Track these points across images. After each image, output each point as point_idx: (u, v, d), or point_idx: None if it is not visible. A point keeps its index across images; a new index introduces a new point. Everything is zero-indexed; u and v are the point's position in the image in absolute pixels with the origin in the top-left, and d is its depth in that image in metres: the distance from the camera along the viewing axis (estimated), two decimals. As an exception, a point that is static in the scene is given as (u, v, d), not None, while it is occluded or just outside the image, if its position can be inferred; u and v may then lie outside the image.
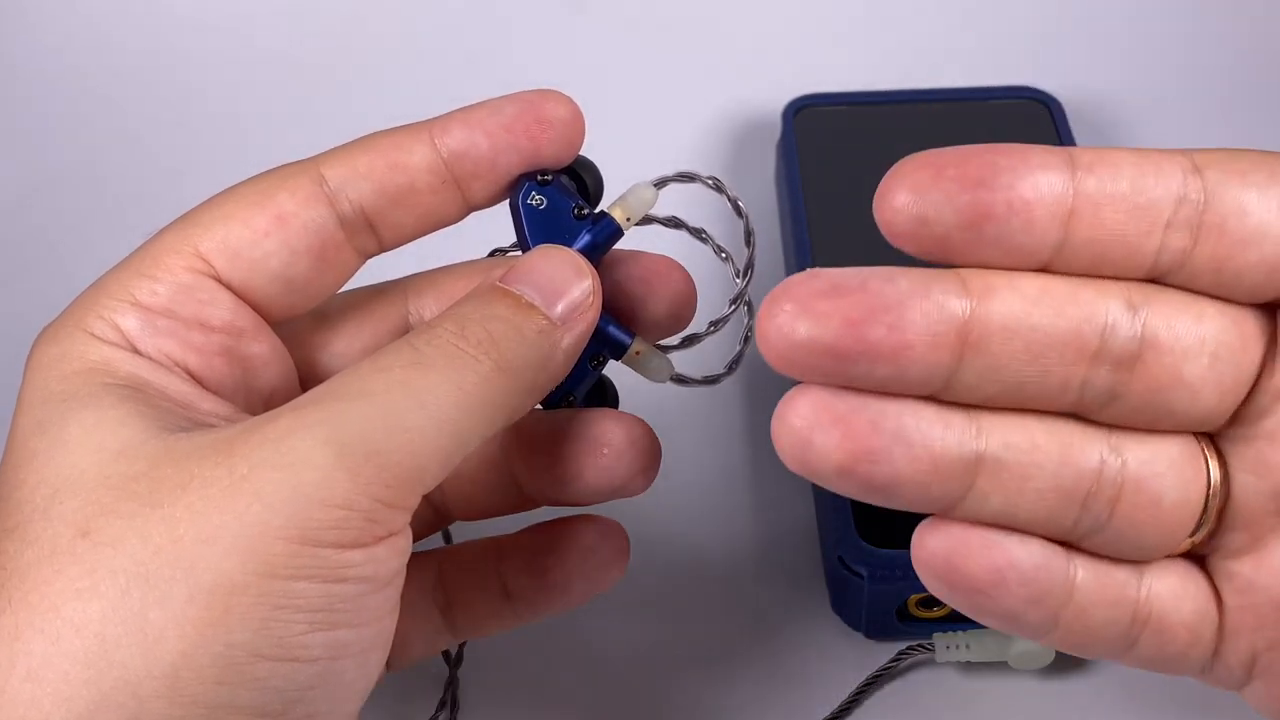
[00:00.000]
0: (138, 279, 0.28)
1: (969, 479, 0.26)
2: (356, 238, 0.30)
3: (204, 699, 0.24)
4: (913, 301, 0.25)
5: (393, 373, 0.26)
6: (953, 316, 0.25)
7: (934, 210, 0.25)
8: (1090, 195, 0.26)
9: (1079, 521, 0.27)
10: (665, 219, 0.32)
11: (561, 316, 0.28)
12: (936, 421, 0.26)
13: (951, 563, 0.27)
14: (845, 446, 0.25)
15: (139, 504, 0.24)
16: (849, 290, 0.25)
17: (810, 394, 0.25)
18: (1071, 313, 0.26)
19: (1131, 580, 0.28)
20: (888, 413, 0.26)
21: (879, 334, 0.25)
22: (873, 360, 0.25)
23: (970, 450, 0.26)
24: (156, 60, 0.57)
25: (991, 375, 0.26)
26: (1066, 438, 0.27)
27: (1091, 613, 0.27)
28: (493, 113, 0.30)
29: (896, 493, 0.26)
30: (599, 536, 0.32)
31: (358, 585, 0.25)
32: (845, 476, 0.25)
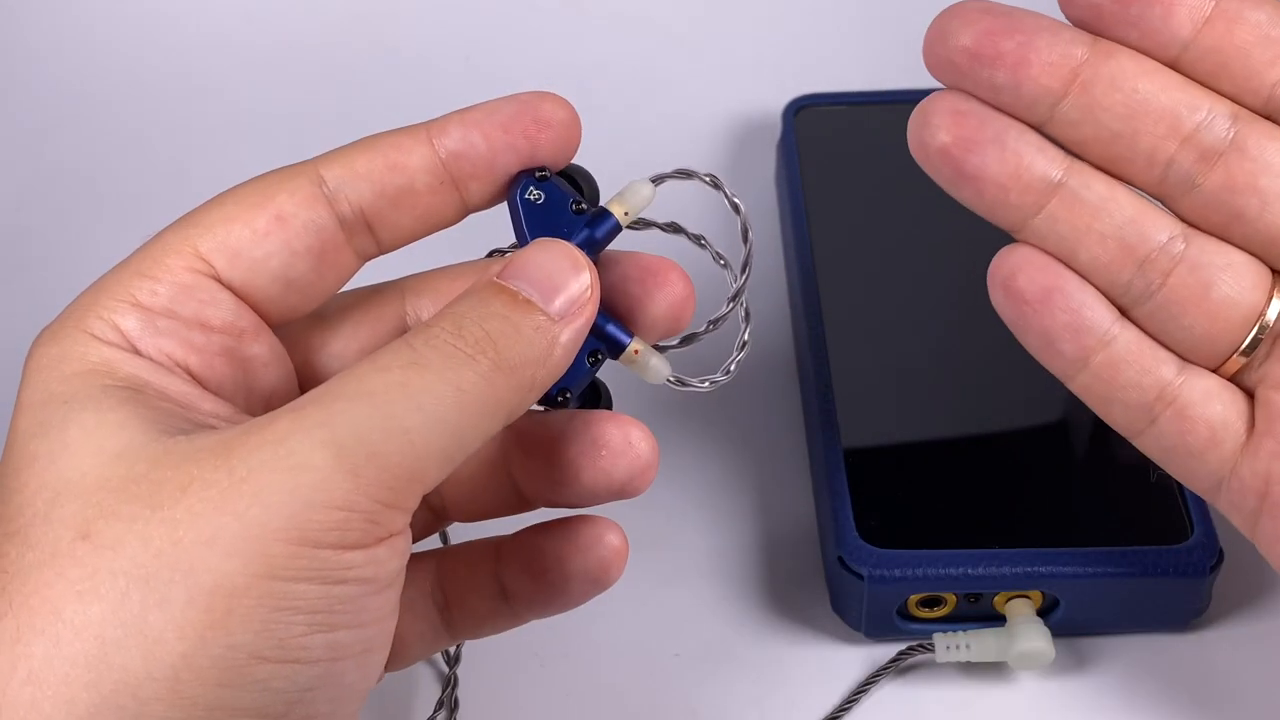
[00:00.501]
0: (138, 279, 0.28)
1: (1044, 199, 0.31)
2: (356, 239, 0.30)
3: (204, 701, 0.24)
4: (1044, 34, 0.30)
5: (391, 373, 0.26)
6: (1072, 55, 0.30)
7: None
8: (1228, 11, 0.30)
9: (1132, 283, 0.31)
10: (664, 224, 0.32)
11: (559, 311, 0.28)
12: (1035, 144, 0.31)
13: (1014, 274, 0.31)
14: (953, 131, 0.31)
15: (139, 506, 0.24)
16: (1001, 13, 0.30)
17: (947, 94, 0.31)
18: (1176, 96, 0.30)
19: (1170, 364, 0.31)
20: (999, 120, 0.31)
21: (1008, 46, 0.30)
22: (996, 66, 0.30)
23: (1054, 175, 0.31)
24: (156, 61, 0.57)
25: (1090, 116, 0.30)
26: (1144, 206, 0.31)
27: (1121, 369, 0.31)
28: (490, 113, 0.30)
29: (981, 186, 0.31)
30: (597, 537, 0.32)
31: (358, 586, 0.25)
32: (944, 157, 0.31)
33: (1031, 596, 0.38)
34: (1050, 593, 0.37)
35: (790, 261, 0.47)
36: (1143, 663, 0.38)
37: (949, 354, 0.44)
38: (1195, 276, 0.31)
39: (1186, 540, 0.37)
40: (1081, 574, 0.37)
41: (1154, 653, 0.38)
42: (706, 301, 0.32)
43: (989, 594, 0.38)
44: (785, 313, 0.47)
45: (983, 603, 0.38)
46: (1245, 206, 0.30)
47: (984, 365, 0.43)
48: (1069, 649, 0.38)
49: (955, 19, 0.31)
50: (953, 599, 0.38)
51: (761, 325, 0.46)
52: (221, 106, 0.55)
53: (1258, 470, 0.31)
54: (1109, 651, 0.39)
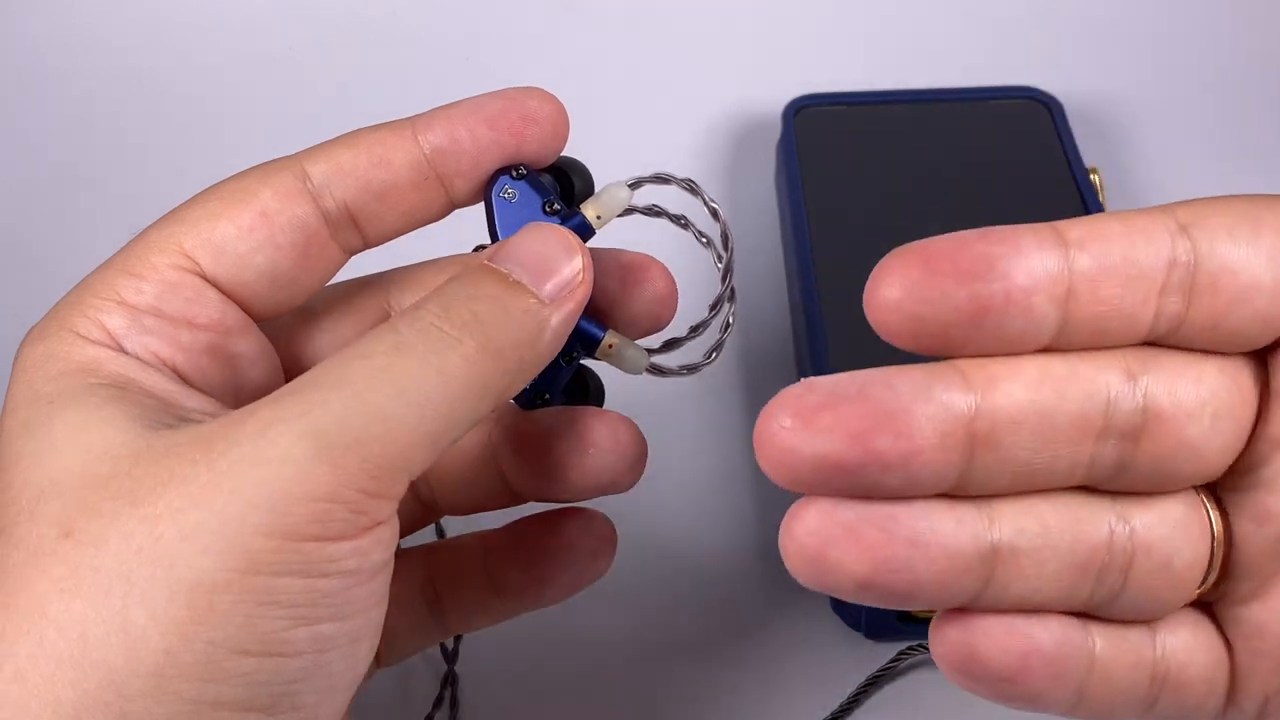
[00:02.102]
0: (123, 278, 0.28)
1: (988, 571, 0.26)
2: (340, 234, 0.30)
3: (189, 696, 0.23)
4: (916, 405, 0.24)
5: (374, 359, 0.26)
6: (959, 415, 0.25)
7: (929, 308, 0.24)
8: (1086, 273, 0.25)
9: (1094, 593, 0.26)
10: (645, 207, 0.32)
11: (550, 294, 0.27)
12: (948, 519, 0.25)
13: (974, 655, 0.26)
14: (863, 559, 0.24)
15: (121, 503, 0.24)
16: (848, 399, 0.24)
17: (817, 507, 0.25)
18: (1074, 393, 0.25)
19: (1146, 640, 0.27)
20: (900, 518, 0.25)
21: (886, 443, 0.24)
22: (882, 470, 0.24)
23: (985, 543, 0.25)
24: (153, 60, 0.57)
25: (1002, 467, 0.25)
26: (1075, 513, 0.26)
27: (1113, 680, 0.27)
28: (476, 109, 0.30)
29: (918, 597, 0.25)
30: (585, 529, 0.32)
31: (342, 579, 0.25)
32: (865, 589, 0.25)
33: (1031, 596, 0.37)
34: (1050, 592, 0.37)
35: (790, 261, 0.47)
36: (1143, 662, 0.38)
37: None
38: (1155, 560, 0.26)
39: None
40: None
41: (1154, 652, 0.38)
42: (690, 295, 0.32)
43: (989, 594, 0.37)
44: (785, 312, 0.47)
45: (982, 602, 0.38)
46: (1181, 464, 0.26)
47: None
48: (1069, 649, 0.38)
49: (797, 423, 0.24)
50: (952, 599, 0.38)
51: (761, 325, 0.47)
52: (219, 106, 0.55)
53: (1255, 692, 0.28)
54: (1109, 651, 0.39)
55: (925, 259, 0.25)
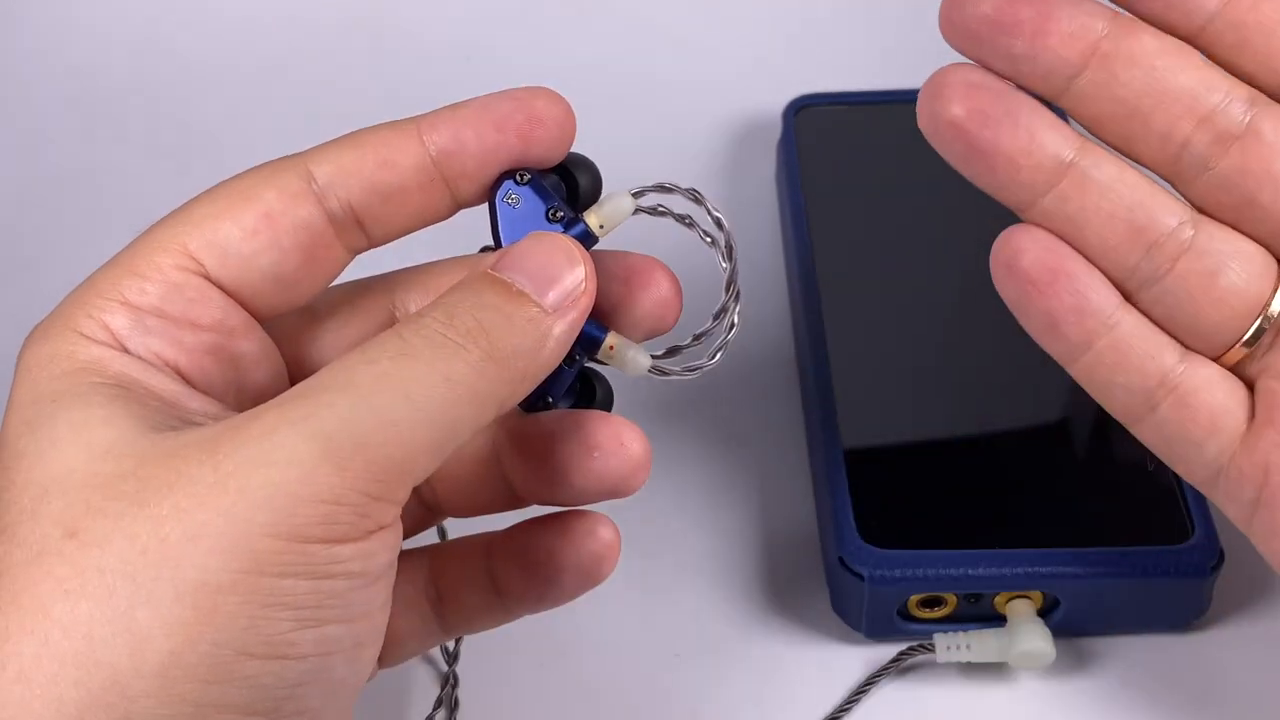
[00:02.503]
0: (127, 278, 0.28)
1: (1055, 178, 0.30)
2: (345, 235, 0.30)
3: (193, 698, 0.23)
4: (1064, 4, 0.30)
5: (379, 364, 0.26)
6: (1091, 28, 0.30)
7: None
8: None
9: (1139, 267, 0.30)
10: (650, 207, 0.31)
11: (553, 304, 0.28)
12: (1048, 121, 0.30)
13: (1018, 254, 0.31)
14: (966, 104, 0.30)
15: (126, 503, 0.24)
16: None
17: (961, 67, 0.30)
18: (1194, 75, 0.30)
19: (1172, 351, 0.31)
20: (1013, 96, 0.30)
21: (1027, 14, 0.30)
22: (1014, 34, 0.30)
23: (1066, 155, 0.30)
24: (154, 60, 0.57)
25: (1106, 92, 0.30)
26: (1154, 190, 0.31)
27: (1124, 355, 0.31)
28: (482, 110, 0.30)
29: (992, 162, 0.30)
30: (589, 531, 0.32)
31: (347, 581, 0.25)
32: (956, 130, 0.30)
33: (1032, 597, 0.38)
34: (1050, 593, 0.37)
35: (790, 261, 0.47)
36: (1143, 663, 0.38)
37: (949, 354, 0.44)
38: (1203, 263, 0.30)
39: (1187, 541, 0.37)
40: (1082, 574, 0.37)
41: (1154, 653, 0.38)
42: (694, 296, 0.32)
43: (989, 594, 0.38)
44: (785, 313, 0.47)
45: (983, 603, 0.38)
46: (1258, 191, 0.30)
47: (984, 365, 0.43)
48: (1069, 649, 0.38)
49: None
50: (953, 599, 0.38)
51: (761, 326, 0.47)
52: (221, 106, 0.55)
53: (1256, 460, 0.30)
54: (1109, 651, 0.39)
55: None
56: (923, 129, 0.31)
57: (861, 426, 0.40)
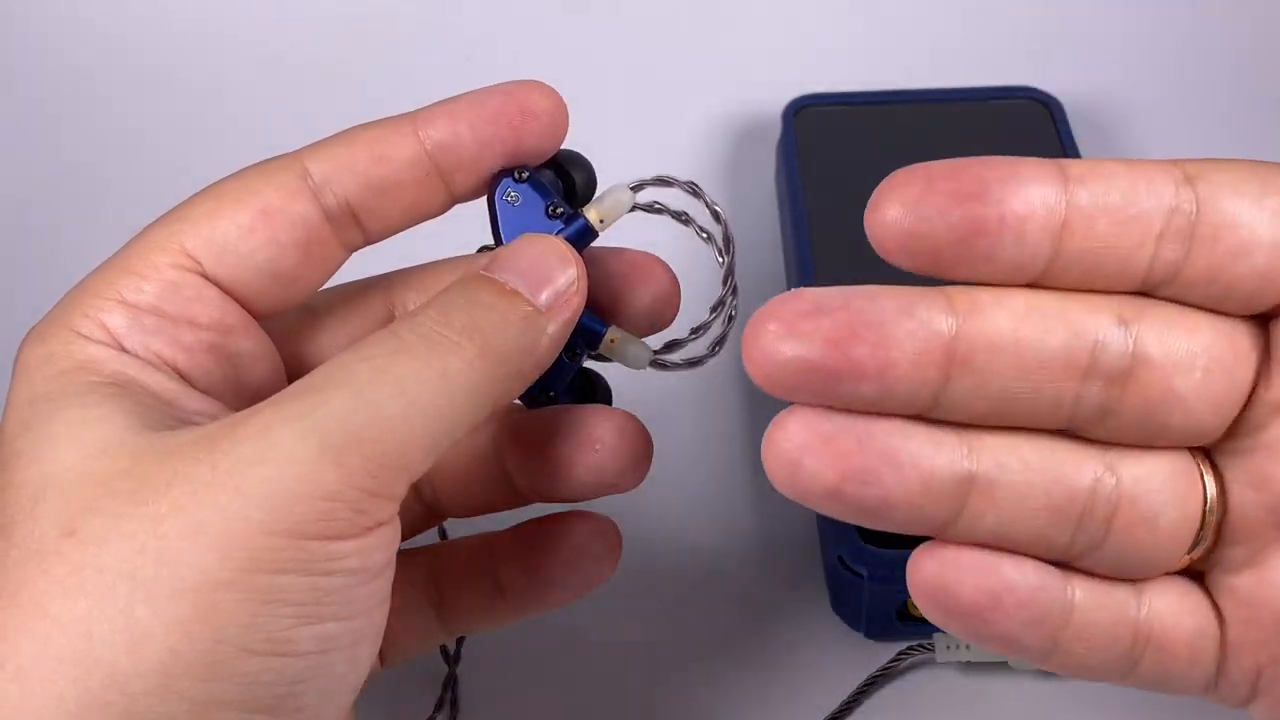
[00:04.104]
0: (124, 277, 0.28)
1: (961, 499, 0.26)
2: (342, 231, 0.30)
3: (192, 695, 0.24)
4: (897, 319, 0.25)
5: (375, 361, 0.26)
6: (938, 333, 0.25)
7: (925, 225, 0.25)
8: (1082, 208, 0.25)
9: (1074, 540, 0.27)
10: (647, 204, 0.32)
11: (546, 303, 0.28)
12: (926, 441, 0.26)
13: (946, 587, 0.26)
14: (835, 467, 0.25)
15: (123, 502, 0.24)
16: (832, 309, 0.25)
17: (798, 415, 0.25)
18: (1060, 329, 0.26)
19: (1130, 600, 0.27)
20: (876, 433, 0.25)
21: (863, 352, 0.25)
22: (858, 378, 0.25)
23: (961, 469, 0.26)
24: (155, 59, 0.57)
25: (980, 392, 0.26)
26: (1059, 455, 0.26)
27: (1092, 634, 0.27)
28: (475, 104, 0.30)
29: (888, 514, 0.26)
30: (590, 532, 0.32)
31: (346, 577, 0.25)
32: (835, 499, 0.25)
33: (1032, 596, 0.37)
34: (1050, 592, 0.37)
35: (790, 262, 0.47)
36: (1143, 662, 0.38)
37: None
38: (1139, 512, 0.26)
39: (1187, 540, 0.37)
40: (1082, 573, 0.37)
41: (1154, 652, 0.38)
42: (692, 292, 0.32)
43: (989, 594, 0.37)
44: (785, 313, 0.47)
45: (983, 602, 0.38)
46: (1169, 416, 0.26)
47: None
48: (1069, 649, 0.38)
49: (778, 328, 0.25)
50: (953, 599, 0.38)
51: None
52: (220, 105, 0.55)
53: (1244, 664, 0.27)
54: (1109, 651, 0.39)
55: (925, 178, 0.25)
56: (785, 493, 0.26)
57: (861, 426, 0.40)
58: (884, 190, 0.26)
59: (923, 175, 0.25)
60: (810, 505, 0.26)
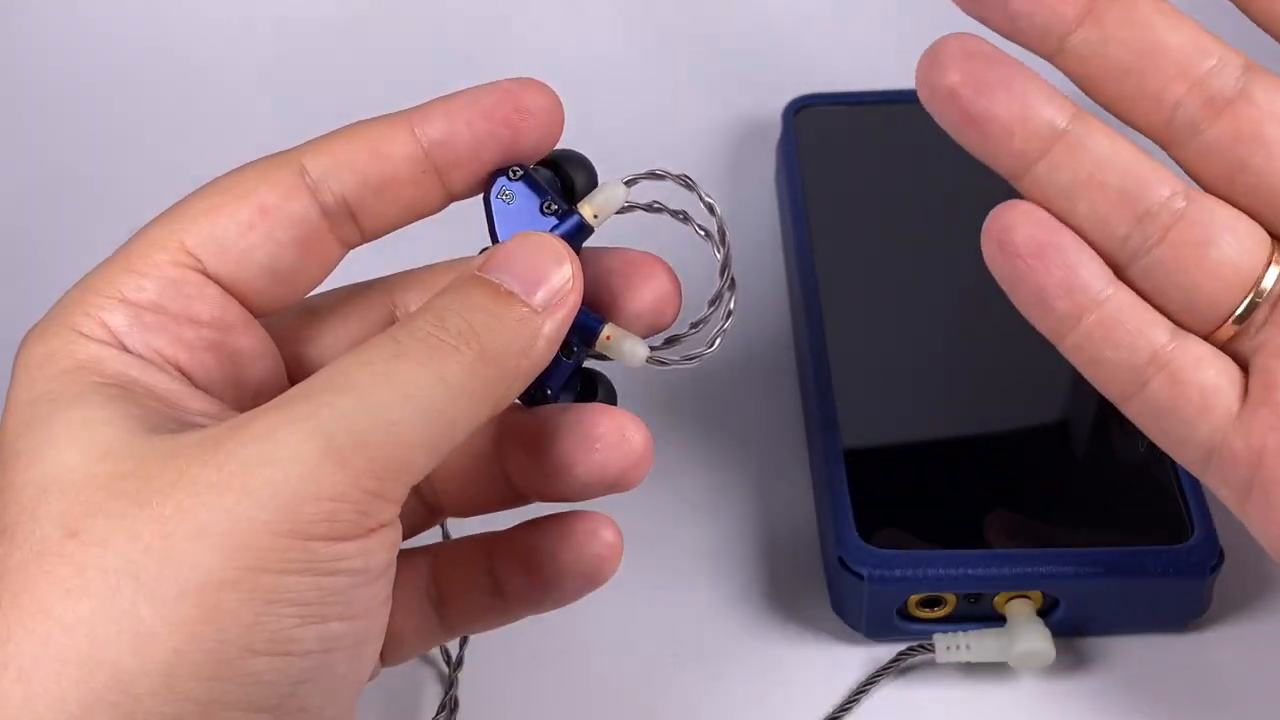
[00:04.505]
0: (125, 275, 0.28)
1: (1048, 146, 0.30)
2: (339, 228, 0.30)
3: (197, 695, 0.24)
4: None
5: (375, 365, 0.26)
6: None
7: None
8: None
9: (1130, 237, 0.30)
10: (645, 204, 0.32)
11: (541, 303, 0.28)
12: (1043, 90, 0.30)
13: (1008, 229, 0.31)
14: (962, 71, 0.30)
15: (127, 503, 0.24)
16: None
17: (959, 36, 0.31)
18: (1188, 38, 0.30)
19: (1163, 328, 0.31)
20: (1008, 64, 0.30)
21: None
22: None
23: (1060, 122, 0.30)
24: (153, 59, 0.57)
25: (1101, 50, 0.30)
26: (1148, 161, 0.30)
27: (1114, 330, 0.31)
28: (472, 101, 0.30)
29: (986, 129, 0.30)
30: (592, 532, 0.32)
31: (349, 578, 0.25)
32: (951, 98, 0.30)
33: (1031, 597, 0.37)
34: (1050, 593, 0.37)
35: (790, 261, 0.47)
36: (1143, 663, 0.38)
37: (949, 354, 0.44)
38: (1194, 234, 0.30)
39: (1187, 540, 0.37)
40: (1081, 574, 0.37)
41: (1154, 653, 0.38)
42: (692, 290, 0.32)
43: (989, 594, 0.38)
44: (785, 313, 0.47)
45: (983, 603, 0.38)
46: (1250, 156, 0.30)
47: (984, 365, 0.43)
48: (1069, 649, 0.38)
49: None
50: (953, 599, 0.38)
51: (762, 326, 0.47)
52: (219, 105, 0.55)
53: (1251, 442, 0.30)
54: (1109, 651, 0.39)
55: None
56: (921, 97, 0.31)
57: (861, 426, 0.40)
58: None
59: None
60: (933, 103, 0.31)
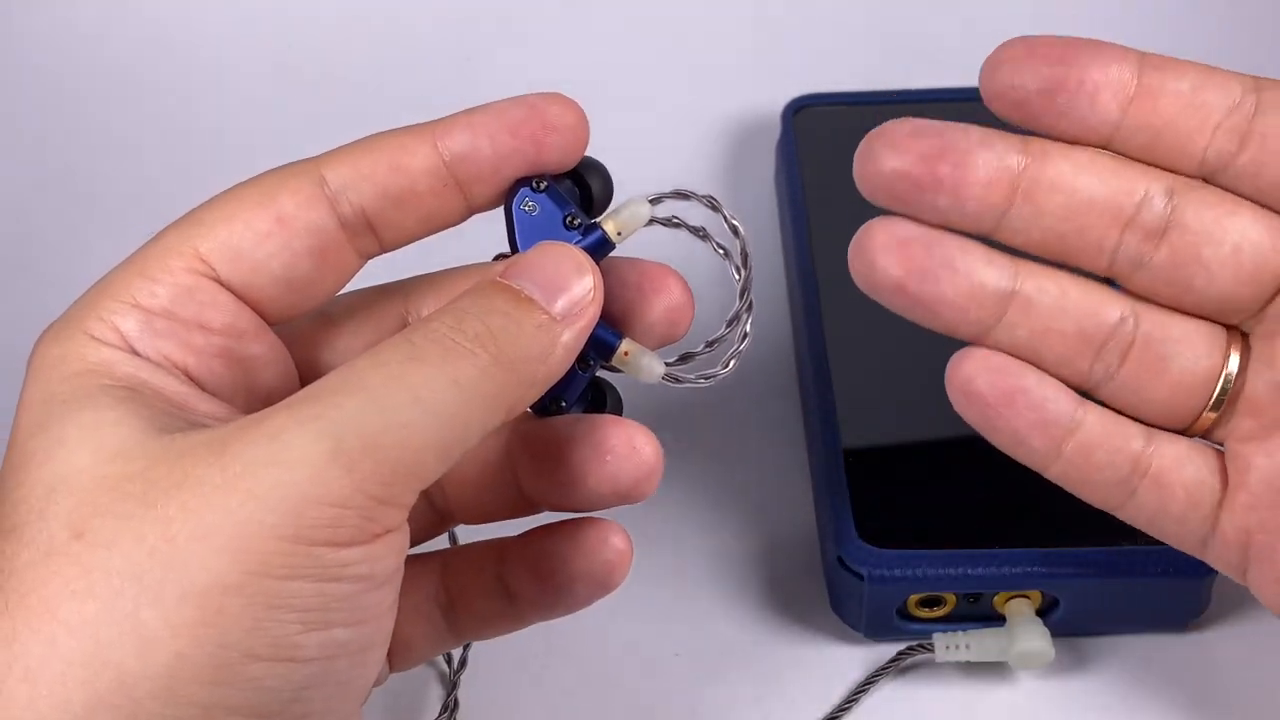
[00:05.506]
0: (138, 280, 0.28)
1: (1001, 309, 0.31)
2: (357, 239, 0.30)
3: (199, 699, 0.24)
4: (978, 150, 0.30)
5: (388, 367, 0.26)
6: (1009, 167, 0.30)
7: (1021, 78, 0.30)
8: (1151, 87, 0.30)
9: (1093, 369, 0.31)
10: (664, 219, 0.32)
11: (561, 311, 0.28)
12: (981, 258, 0.31)
13: (972, 379, 0.31)
14: (904, 266, 0.30)
15: (133, 504, 0.24)
16: (929, 134, 0.30)
17: (883, 223, 0.30)
18: (1112, 183, 0.30)
19: (1138, 436, 0.31)
20: (942, 243, 0.30)
21: (945, 169, 0.30)
22: (938, 191, 0.30)
23: (1007, 286, 0.31)
24: (157, 63, 0.57)
25: (1035, 222, 0.30)
26: (1095, 294, 0.31)
27: (1093, 452, 0.31)
28: (497, 116, 0.29)
29: (939, 312, 0.31)
30: (602, 539, 0.31)
31: (354, 584, 0.25)
32: (899, 292, 0.30)
33: (1031, 596, 0.38)
34: (1050, 593, 0.37)
35: (790, 262, 0.47)
36: (1143, 663, 0.38)
37: (948, 354, 0.43)
38: (1152, 352, 0.31)
39: (1186, 540, 0.37)
40: (1081, 574, 0.37)
41: (1154, 653, 0.39)
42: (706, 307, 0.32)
43: (989, 594, 0.38)
44: (785, 313, 0.47)
45: (983, 603, 0.38)
46: (1193, 278, 0.30)
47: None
48: (1069, 649, 0.38)
49: (885, 145, 0.30)
50: (953, 599, 0.38)
51: (761, 326, 0.46)
52: (222, 108, 0.55)
53: (1236, 523, 0.31)
54: (1109, 651, 0.39)
55: (1029, 45, 0.31)
56: (861, 287, 0.31)
57: (861, 426, 0.40)
58: (1000, 52, 0.31)
59: (1028, 43, 0.31)
60: (879, 298, 0.31)
